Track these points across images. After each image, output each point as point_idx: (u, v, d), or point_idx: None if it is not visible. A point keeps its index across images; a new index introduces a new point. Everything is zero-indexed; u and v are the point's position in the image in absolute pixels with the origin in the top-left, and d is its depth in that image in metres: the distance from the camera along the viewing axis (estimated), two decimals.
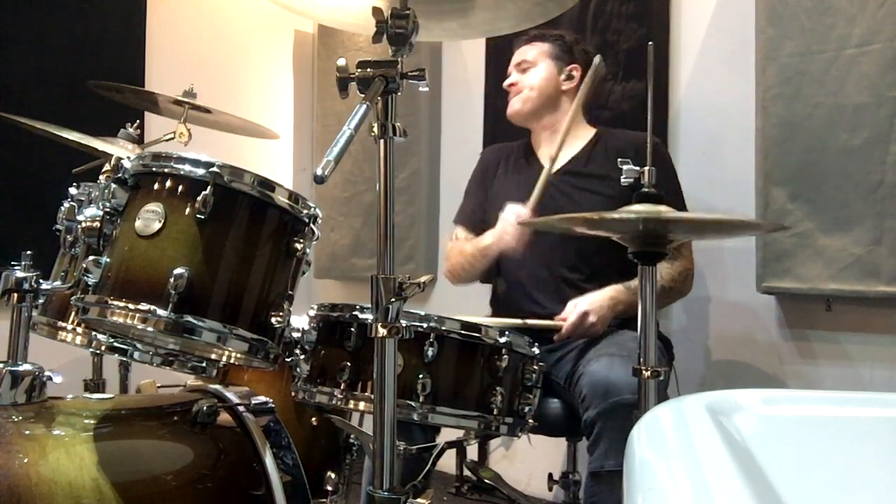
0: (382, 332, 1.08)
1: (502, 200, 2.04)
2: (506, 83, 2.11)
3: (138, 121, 2.05)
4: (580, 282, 1.91)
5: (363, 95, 1.08)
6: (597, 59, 1.95)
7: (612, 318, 1.81)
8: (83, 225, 1.20)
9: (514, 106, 2.08)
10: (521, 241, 1.85)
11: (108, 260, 1.17)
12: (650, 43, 1.50)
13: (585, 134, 2.08)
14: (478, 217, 2.11)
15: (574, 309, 1.77)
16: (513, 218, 1.86)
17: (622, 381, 1.56)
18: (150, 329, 1.17)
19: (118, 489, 1.07)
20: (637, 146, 1.85)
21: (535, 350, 1.46)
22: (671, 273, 1.89)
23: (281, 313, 1.22)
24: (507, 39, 1.59)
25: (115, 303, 1.14)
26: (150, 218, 1.16)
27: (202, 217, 1.15)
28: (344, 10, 1.33)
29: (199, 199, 1.15)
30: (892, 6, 1.89)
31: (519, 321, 1.80)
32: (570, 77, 2.06)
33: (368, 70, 1.11)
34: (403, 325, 1.09)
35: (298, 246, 1.25)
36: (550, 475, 2.08)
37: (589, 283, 1.87)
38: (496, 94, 2.90)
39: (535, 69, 2.06)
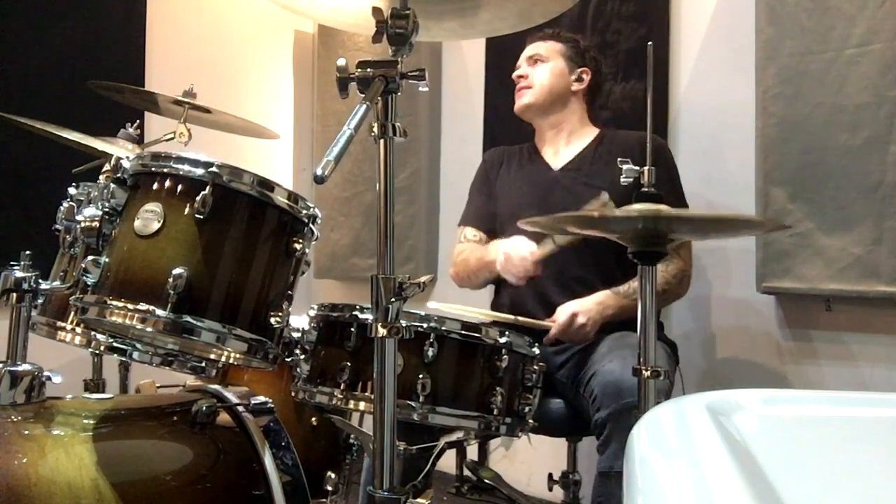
0: (382, 332, 1.08)
1: (506, 199, 2.04)
2: (515, 74, 2.10)
3: (138, 121, 2.06)
4: (594, 281, 1.89)
5: (363, 95, 1.08)
6: None
7: (605, 323, 1.80)
8: (82, 225, 1.20)
9: (524, 100, 2.06)
10: (523, 274, 1.81)
11: (107, 260, 1.17)
12: (650, 43, 1.50)
13: (589, 133, 2.09)
14: (485, 215, 2.10)
15: (563, 311, 1.77)
16: (522, 251, 1.81)
17: (635, 382, 1.56)
18: (149, 329, 1.17)
19: (117, 489, 1.07)
20: (643, 146, 1.84)
21: (536, 350, 1.46)
22: (665, 276, 1.88)
23: (280, 313, 1.22)
24: (510, 38, 1.59)
25: (114, 303, 1.14)
26: (149, 218, 1.16)
27: (201, 217, 1.15)
28: (344, 10, 1.33)
29: (198, 198, 1.15)
30: (892, 6, 1.89)
31: (510, 317, 1.79)
32: (580, 79, 2.06)
33: (368, 70, 1.10)
34: (403, 325, 1.09)
35: (298, 246, 1.25)
36: (550, 475, 2.08)
37: (602, 283, 1.86)
38: (496, 94, 2.90)
39: (546, 65, 2.05)
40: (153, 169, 1.20)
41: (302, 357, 1.37)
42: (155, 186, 1.19)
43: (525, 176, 2.07)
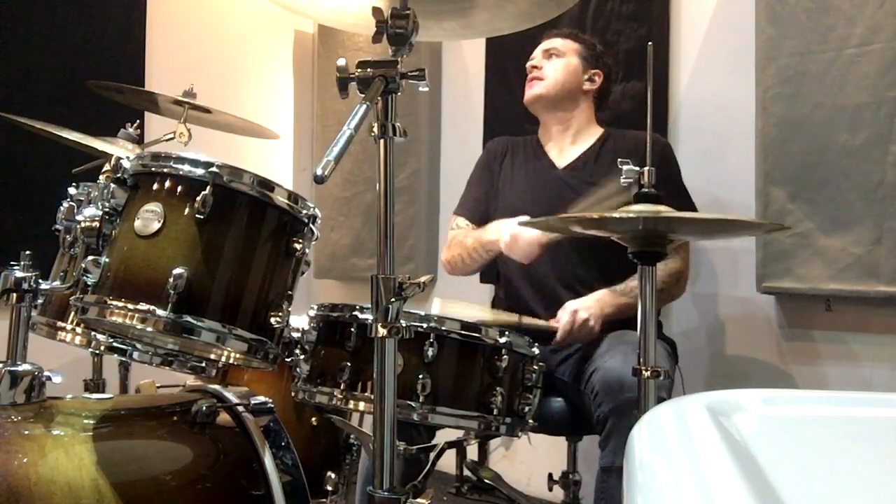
0: (382, 332, 1.08)
1: (507, 193, 2.04)
2: (529, 64, 2.10)
3: (138, 121, 2.06)
4: (595, 279, 1.89)
5: (363, 95, 1.08)
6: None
7: (605, 321, 1.80)
8: (82, 225, 1.20)
9: (536, 91, 2.06)
10: (530, 256, 1.83)
11: (107, 260, 1.17)
12: (650, 43, 1.50)
13: (595, 133, 2.09)
14: (480, 208, 2.10)
15: (564, 311, 1.78)
16: (530, 234, 1.82)
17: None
18: (149, 329, 1.16)
19: (117, 489, 1.07)
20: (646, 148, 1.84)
21: (535, 350, 1.46)
22: (661, 276, 1.88)
23: (280, 313, 1.22)
24: (510, 38, 1.59)
25: (115, 303, 1.14)
26: (149, 218, 1.16)
27: (201, 217, 1.15)
28: (344, 10, 1.33)
29: (198, 199, 1.15)
30: (892, 6, 1.89)
31: (514, 318, 1.79)
32: (591, 80, 2.07)
33: (368, 70, 1.10)
34: (403, 325, 1.09)
35: (298, 246, 1.25)
36: (550, 475, 2.08)
37: (603, 281, 1.86)
38: (496, 95, 2.90)
39: (561, 60, 2.06)
40: (153, 169, 1.20)
41: (302, 357, 1.37)
42: (155, 186, 1.19)
43: (528, 172, 2.07)
